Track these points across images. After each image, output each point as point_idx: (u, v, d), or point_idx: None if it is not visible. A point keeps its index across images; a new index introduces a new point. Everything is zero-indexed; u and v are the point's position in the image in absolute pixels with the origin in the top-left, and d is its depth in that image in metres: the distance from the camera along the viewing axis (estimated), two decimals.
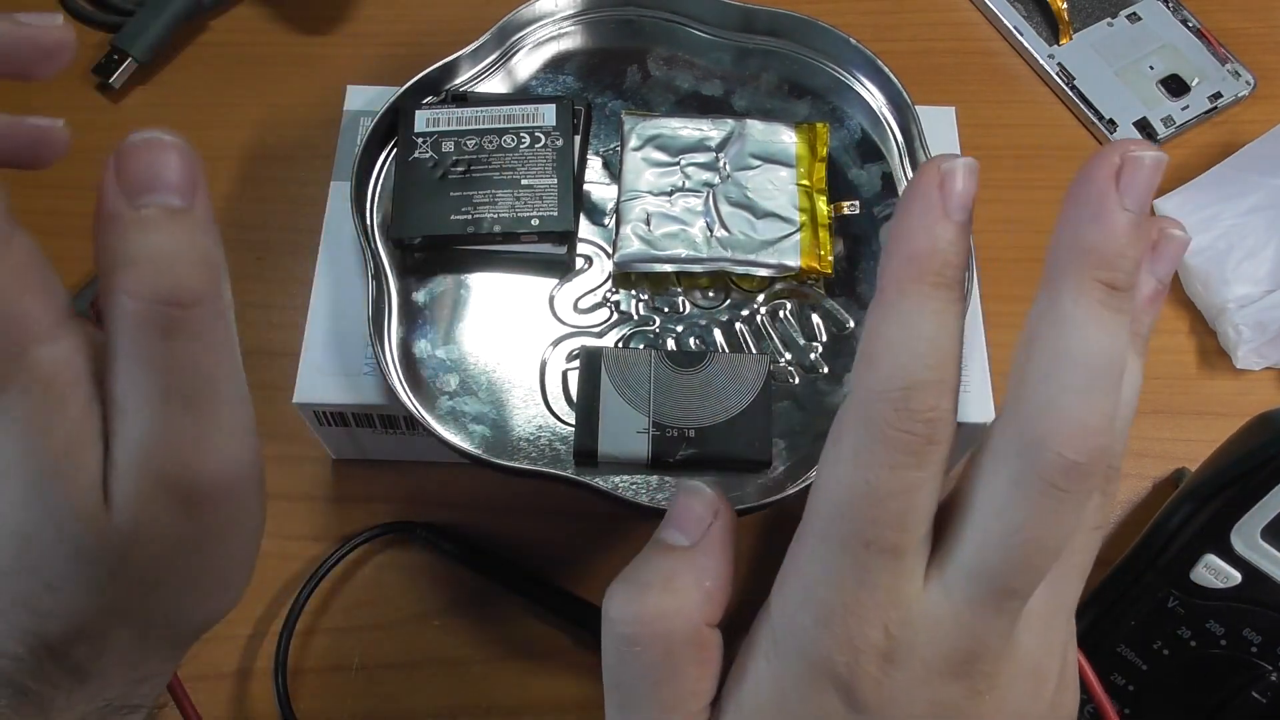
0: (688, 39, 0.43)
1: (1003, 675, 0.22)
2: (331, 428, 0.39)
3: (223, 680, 0.39)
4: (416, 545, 0.41)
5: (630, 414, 0.35)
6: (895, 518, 0.21)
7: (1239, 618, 0.33)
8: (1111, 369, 0.20)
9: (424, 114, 0.39)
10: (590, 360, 0.36)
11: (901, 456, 0.20)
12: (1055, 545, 0.21)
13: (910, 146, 0.40)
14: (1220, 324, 0.45)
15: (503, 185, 0.38)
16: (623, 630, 0.23)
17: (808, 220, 0.38)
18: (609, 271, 0.39)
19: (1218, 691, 0.33)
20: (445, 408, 0.36)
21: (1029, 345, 0.21)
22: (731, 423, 0.35)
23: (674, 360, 0.36)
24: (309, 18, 0.53)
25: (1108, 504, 0.23)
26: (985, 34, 0.54)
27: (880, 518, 0.21)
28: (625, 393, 0.35)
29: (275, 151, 0.48)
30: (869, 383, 0.21)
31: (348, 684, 0.39)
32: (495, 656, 0.39)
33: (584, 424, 0.35)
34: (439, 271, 0.38)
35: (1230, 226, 0.45)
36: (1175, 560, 0.34)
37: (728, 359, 0.36)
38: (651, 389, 0.35)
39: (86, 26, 0.52)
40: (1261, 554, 0.33)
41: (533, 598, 0.40)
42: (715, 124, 0.40)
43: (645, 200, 0.39)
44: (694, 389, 0.35)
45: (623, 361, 0.36)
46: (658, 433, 0.35)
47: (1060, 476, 0.20)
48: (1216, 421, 0.44)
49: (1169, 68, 0.51)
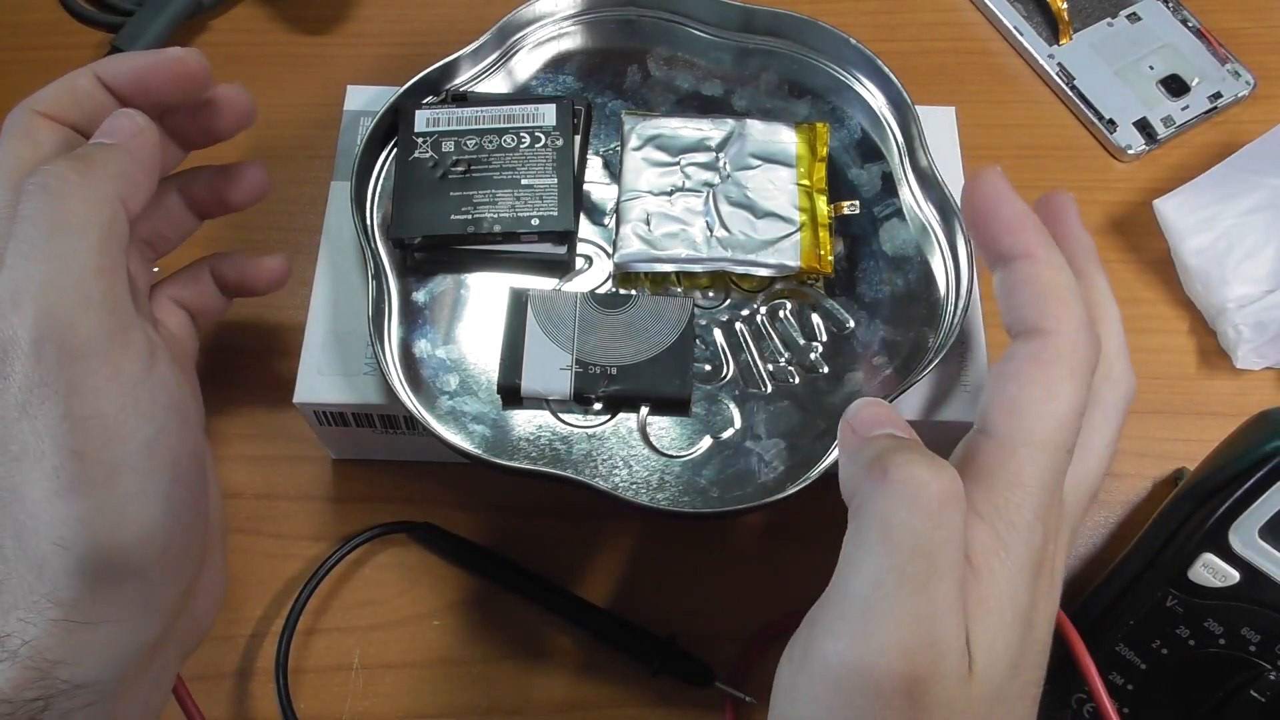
0: (688, 39, 0.43)
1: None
2: (331, 428, 0.39)
3: (223, 680, 0.39)
4: (416, 545, 0.41)
5: (554, 352, 0.36)
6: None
7: (1237, 617, 0.33)
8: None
9: (424, 114, 0.39)
10: (517, 300, 0.37)
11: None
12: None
13: (910, 146, 0.40)
14: (1220, 324, 0.45)
15: (503, 185, 0.38)
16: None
17: (808, 220, 0.39)
18: (609, 271, 0.39)
19: (1216, 690, 0.33)
20: (445, 407, 0.36)
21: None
22: (654, 361, 0.36)
23: (599, 301, 0.37)
24: (309, 18, 0.53)
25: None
26: (985, 34, 0.54)
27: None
28: (550, 331, 0.36)
29: (275, 151, 0.48)
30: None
31: (348, 684, 0.39)
32: (495, 656, 0.39)
33: (508, 361, 0.36)
34: (439, 271, 0.38)
35: (1230, 226, 0.45)
36: (1174, 559, 0.34)
37: (652, 301, 0.37)
38: (576, 328, 0.36)
39: (86, 26, 0.52)
40: (1260, 553, 0.33)
41: (533, 598, 0.40)
42: (715, 124, 0.40)
43: (645, 200, 0.39)
44: (617, 328, 0.36)
45: (548, 302, 0.37)
46: (580, 369, 0.35)
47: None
48: (1216, 421, 0.44)
49: (1169, 68, 0.51)
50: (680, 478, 0.35)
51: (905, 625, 0.23)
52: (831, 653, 0.24)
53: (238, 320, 0.44)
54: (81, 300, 0.26)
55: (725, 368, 0.37)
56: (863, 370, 0.37)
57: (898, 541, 0.24)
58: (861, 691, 0.23)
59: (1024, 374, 0.26)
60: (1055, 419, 0.26)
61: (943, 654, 0.23)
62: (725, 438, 0.36)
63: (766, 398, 0.37)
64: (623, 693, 0.39)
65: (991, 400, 0.27)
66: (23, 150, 0.30)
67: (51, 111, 0.31)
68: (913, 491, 0.24)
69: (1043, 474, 0.25)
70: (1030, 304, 0.27)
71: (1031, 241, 0.27)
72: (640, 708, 0.39)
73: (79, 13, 0.52)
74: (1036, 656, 0.26)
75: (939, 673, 0.23)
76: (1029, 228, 0.28)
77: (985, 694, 0.24)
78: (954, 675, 0.24)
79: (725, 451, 0.36)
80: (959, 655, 0.24)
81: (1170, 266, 0.47)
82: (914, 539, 0.24)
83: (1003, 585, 0.24)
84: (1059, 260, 0.27)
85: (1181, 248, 0.46)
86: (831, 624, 0.25)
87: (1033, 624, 0.25)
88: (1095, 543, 0.42)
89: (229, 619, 0.40)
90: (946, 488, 0.24)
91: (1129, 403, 0.29)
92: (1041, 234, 0.28)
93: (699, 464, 0.35)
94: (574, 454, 0.35)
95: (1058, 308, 0.26)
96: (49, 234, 0.27)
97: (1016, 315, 0.27)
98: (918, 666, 0.23)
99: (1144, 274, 0.48)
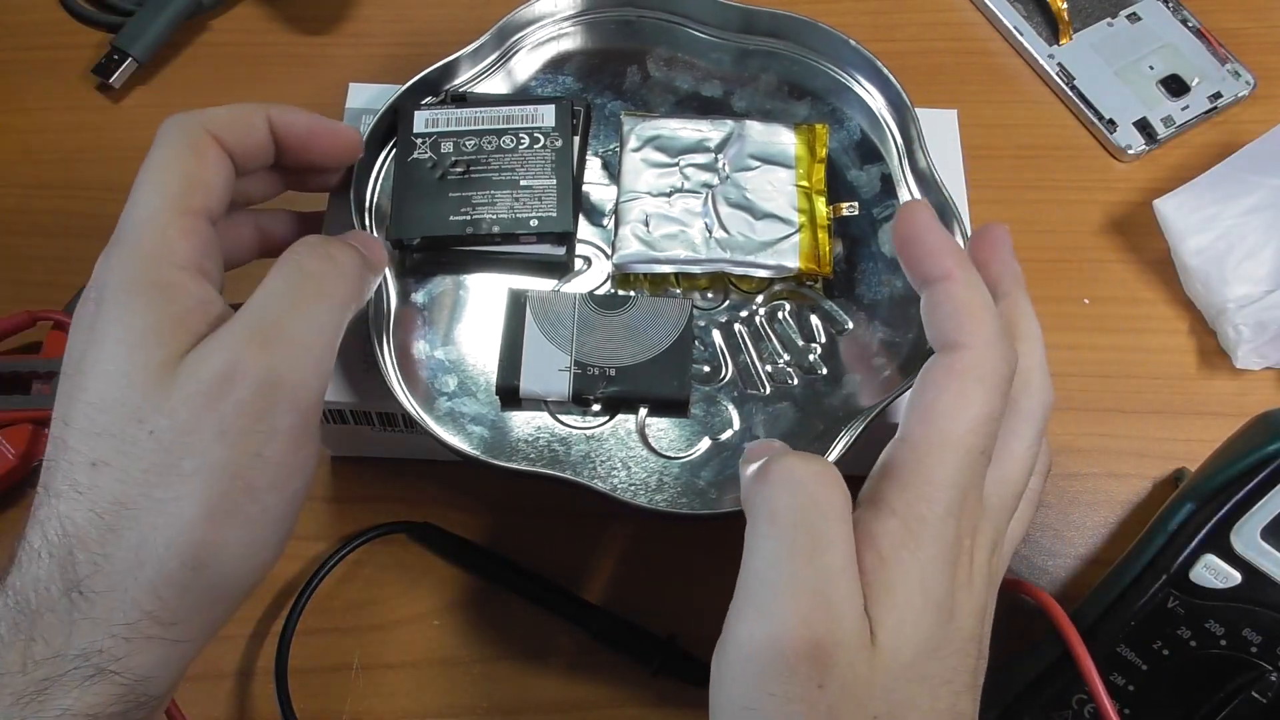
0: (687, 40, 0.43)
1: None
2: (330, 425, 0.39)
3: (223, 680, 0.39)
4: (416, 545, 0.41)
5: (553, 353, 0.36)
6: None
7: (1239, 618, 0.33)
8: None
9: (423, 114, 0.39)
10: (515, 301, 0.37)
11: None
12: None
13: (909, 148, 0.40)
14: (1220, 324, 0.45)
15: (502, 186, 0.38)
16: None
17: (807, 221, 0.38)
18: (608, 273, 0.39)
19: (1217, 691, 0.33)
20: (444, 408, 0.36)
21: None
22: (653, 362, 0.36)
23: (598, 302, 0.37)
24: (309, 17, 0.53)
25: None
26: (985, 34, 0.54)
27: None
28: (549, 332, 0.36)
29: None
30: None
31: (347, 684, 0.39)
32: (495, 656, 0.39)
33: (507, 362, 0.36)
34: (438, 272, 0.38)
35: (1230, 226, 0.45)
36: (1175, 560, 0.34)
37: (650, 302, 0.37)
38: (574, 329, 0.36)
39: (86, 26, 0.52)
40: (1261, 554, 0.33)
41: (533, 598, 0.40)
42: (714, 125, 0.40)
43: (644, 201, 0.39)
44: (616, 329, 0.36)
45: (547, 303, 0.37)
46: (579, 371, 0.35)
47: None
48: (1216, 421, 0.44)
49: (1169, 68, 0.51)
50: (679, 479, 0.35)
51: (800, 595, 0.25)
52: (742, 635, 0.26)
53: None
54: (317, 365, 0.29)
55: (724, 369, 0.37)
56: (861, 371, 0.37)
57: (781, 522, 0.26)
58: (771, 664, 0.25)
59: (938, 383, 0.28)
60: (966, 423, 0.27)
61: (839, 619, 0.25)
62: (724, 439, 0.36)
63: (765, 399, 0.37)
64: (623, 693, 0.39)
65: (909, 408, 0.29)
66: (190, 167, 0.30)
67: (221, 135, 0.31)
68: (787, 477, 0.27)
69: (953, 474, 0.27)
70: (947, 320, 0.29)
71: (949, 264, 0.29)
72: (640, 708, 0.39)
73: (79, 13, 0.52)
74: (963, 644, 0.27)
75: (838, 638, 0.25)
76: (948, 253, 0.30)
77: (893, 667, 0.25)
78: (854, 641, 0.25)
79: (724, 453, 0.36)
80: (857, 623, 0.25)
81: (1170, 266, 0.47)
82: (794, 515, 0.26)
83: (912, 573, 0.26)
84: (975, 281, 0.29)
85: (1181, 248, 0.46)
86: (738, 608, 0.27)
87: (953, 613, 0.27)
88: (1095, 543, 0.42)
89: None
90: (818, 470, 0.27)
91: (1048, 411, 0.30)
92: (959, 258, 0.30)
93: (698, 465, 0.35)
94: (573, 455, 0.35)
95: (971, 323, 0.28)
96: (314, 295, 0.29)
97: (936, 331, 0.29)
98: (816, 631, 0.25)
99: (1144, 274, 0.47)
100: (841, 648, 0.25)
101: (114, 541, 0.26)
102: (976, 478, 0.28)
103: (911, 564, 0.26)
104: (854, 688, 0.25)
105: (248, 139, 0.32)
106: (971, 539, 0.28)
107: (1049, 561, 0.42)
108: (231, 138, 0.31)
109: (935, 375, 0.28)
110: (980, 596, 0.28)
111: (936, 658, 0.26)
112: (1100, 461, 0.44)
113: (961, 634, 0.27)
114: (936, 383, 0.28)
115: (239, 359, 0.27)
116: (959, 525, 0.27)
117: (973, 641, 0.28)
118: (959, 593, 0.27)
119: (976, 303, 0.29)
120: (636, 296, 0.37)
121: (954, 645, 0.27)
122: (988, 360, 0.28)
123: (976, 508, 0.28)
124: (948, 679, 0.27)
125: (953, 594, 0.27)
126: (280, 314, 0.28)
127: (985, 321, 0.28)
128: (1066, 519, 0.43)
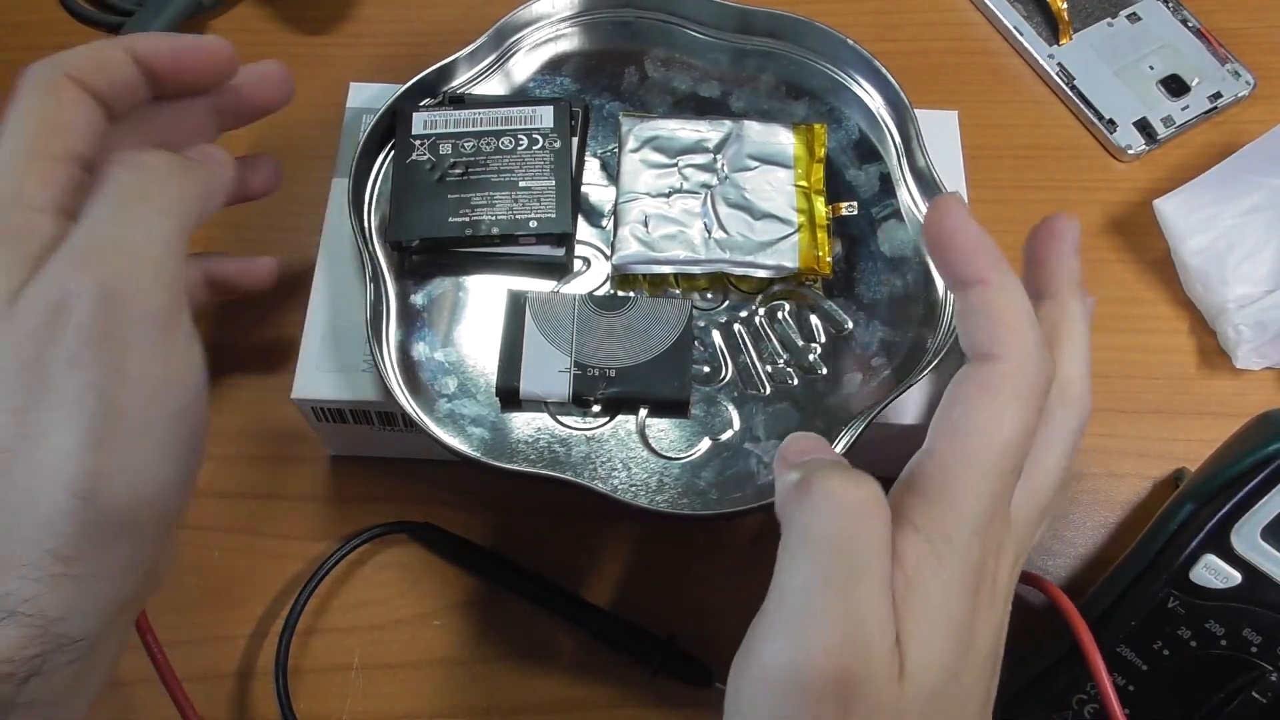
0: (685, 40, 0.43)
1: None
2: (329, 424, 0.39)
3: (223, 680, 0.39)
4: (416, 545, 0.41)
5: (553, 354, 0.36)
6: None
7: (1239, 618, 0.33)
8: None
9: (422, 116, 0.39)
10: (515, 302, 0.37)
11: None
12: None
13: (908, 147, 0.40)
14: (1220, 324, 0.45)
15: (500, 187, 0.38)
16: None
17: (806, 221, 0.38)
18: (607, 273, 0.39)
19: (1218, 692, 0.33)
20: (444, 410, 0.36)
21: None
22: (652, 363, 0.36)
23: (597, 303, 0.37)
24: (309, 18, 0.53)
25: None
26: (985, 34, 0.53)
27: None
28: (548, 334, 0.36)
29: (274, 151, 0.48)
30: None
31: (347, 684, 0.39)
32: (495, 656, 0.40)
33: (507, 364, 0.36)
34: (437, 274, 0.38)
35: (1230, 226, 0.45)
36: (1175, 560, 0.34)
37: (650, 302, 0.37)
38: (574, 330, 0.36)
39: (87, 26, 0.52)
40: (1261, 554, 0.33)
41: (533, 598, 0.40)
42: (713, 125, 0.40)
43: (643, 202, 0.39)
44: (616, 330, 0.36)
45: (547, 304, 0.37)
46: (579, 372, 0.35)
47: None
48: (1216, 421, 0.44)
49: (1169, 68, 0.51)
50: (679, 480, 0.35)
51: (832, 625, 0.24)
52: (767, 655, 0.25)
53: (238, 319, 0.45)
54: (154, 272, 0.28)
55: (724, 369, 0.37)
56: (861, 371, 0.37)
57: (820, 547, 0.25)
58: (795, 692, 0.24)
59: (970, 398, 0.27)
60: (998, 444, 0.26)
61: (871, 654, 0.24)
62: (724, 439, 0.36)
63: (765, 399, 0.37)
64: (622, 693, 0.39)
65: (938, 422, 0.28)
66: (47, 110, 0.30)
67: (80, 76, 0.31)
68: (831, 501, 0.25)
69: (982, 495, 0.26)
70: (981, 329, 0.27)
71: (985, 267, 0.28)
72: (640, 708, 0.39)
73: (79, 13, 0.52)
74: (982, 664, 0.27)
75: (868, 672, 0.24)
76: (984, 254, 0.28)
77: (918, 696, 0.25)
78: (883, 675, 0.24)
79: (724, 453, 0.36)
80: (888, 656, 0.24)
81: (1170, 266, 0.47)
82: (834, 544, 0.25)
83: (937, 596, 0.25)
84: (1012, 286, 0.28)
85: (1181, 248, 0.46)
86: (766, 629, 0.26)
87: (974, 634, 0.26)
88: (1095, 543, 0.42)
89: (229, 619, 0.40)
90: (864, 495, 0.25)
91: (1083, 424, 0.29)
92: (996, 260, 0.28)
93: (698, 466, 0.35)
94: (573, 456, 0.35)
95: (1007, 334, 0.27)
96: (137, 205, 0.29)
97: (969, 340, 0.28)
98: (846, 665, 0.24)
99: (1144, 274, 0.47)
100: (870, 682, 0.24)
101: (4, 484, 0.26)
102: (1004, 497, 0.27)
103: (935, 585, 0.25)
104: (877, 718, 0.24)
105: (113, 75, 0.32)
106: (996, 559, 0.27)
107: (1049, 561, 0.42)
108: (92, 77, 0.31)
109: (967, 389, 0.27)
110: (1000, 613, 0.27)
111: (957, 682, 0.26)
112: (1100, 461, 0.44)
113: (980, 654, 0.26)
114: (968, 397, 0.27)
115: (67, 282, 0.27)
116: (984, 544, 0.26)
117: (990, 659, 0.27)
118: (981, 613, 0.26)
119: (1013, 311, 0.27)
120: (636, 297, 0.37)
121: (974, 670, 0.26)
122: (1023, 375, 0.27)
123: (1003, 526, 0.27)
124: (965, 701, 0.26)
125: (975, 614, 0.26)
126: (103, 230, 0.28)
127: (1022, 332, 0.27)
128: (1066, 519, 0.43)
